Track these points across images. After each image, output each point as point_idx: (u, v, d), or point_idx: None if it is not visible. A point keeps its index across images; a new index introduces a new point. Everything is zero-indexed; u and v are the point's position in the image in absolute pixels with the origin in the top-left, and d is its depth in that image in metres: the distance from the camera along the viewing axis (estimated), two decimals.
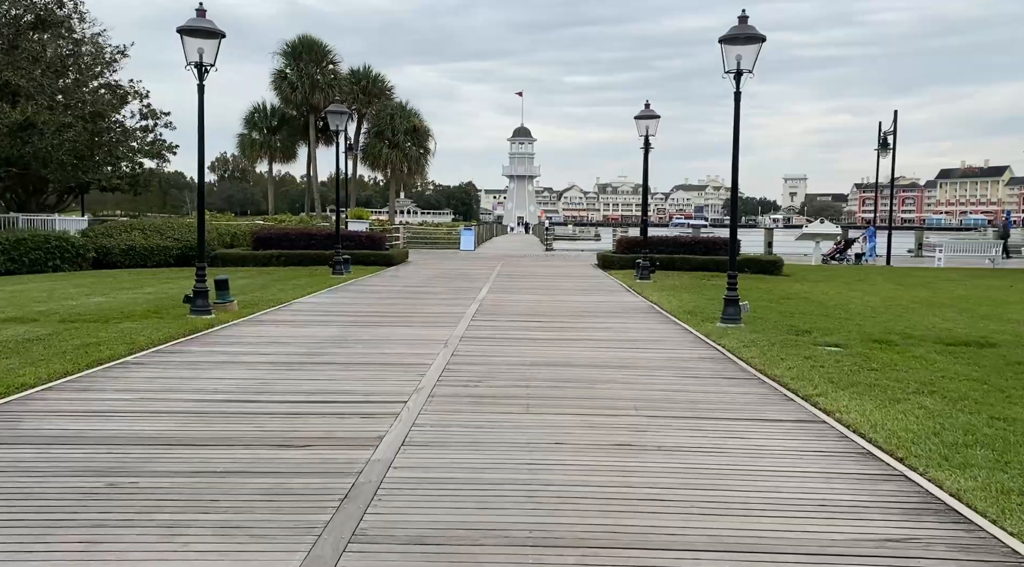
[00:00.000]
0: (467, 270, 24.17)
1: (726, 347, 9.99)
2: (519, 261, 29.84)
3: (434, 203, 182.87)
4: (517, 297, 16.31)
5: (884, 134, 28.80)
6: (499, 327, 11.78)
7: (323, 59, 42.18)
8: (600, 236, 79.52)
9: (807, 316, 13.29)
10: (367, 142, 44.66)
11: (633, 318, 13.19)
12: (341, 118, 20.48)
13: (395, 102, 45.12)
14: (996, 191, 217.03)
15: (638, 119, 20.92)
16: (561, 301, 15.67)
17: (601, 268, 25.65)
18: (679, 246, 25.79)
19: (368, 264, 24.55)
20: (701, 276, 22.32)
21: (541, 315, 13.32)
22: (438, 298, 15.92)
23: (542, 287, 18.89)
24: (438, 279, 20.68)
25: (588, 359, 9.11)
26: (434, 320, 12.43)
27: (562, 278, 21.90)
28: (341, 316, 12.88)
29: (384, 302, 15.07)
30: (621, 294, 17.42)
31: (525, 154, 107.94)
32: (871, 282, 21.03)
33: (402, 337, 10.68)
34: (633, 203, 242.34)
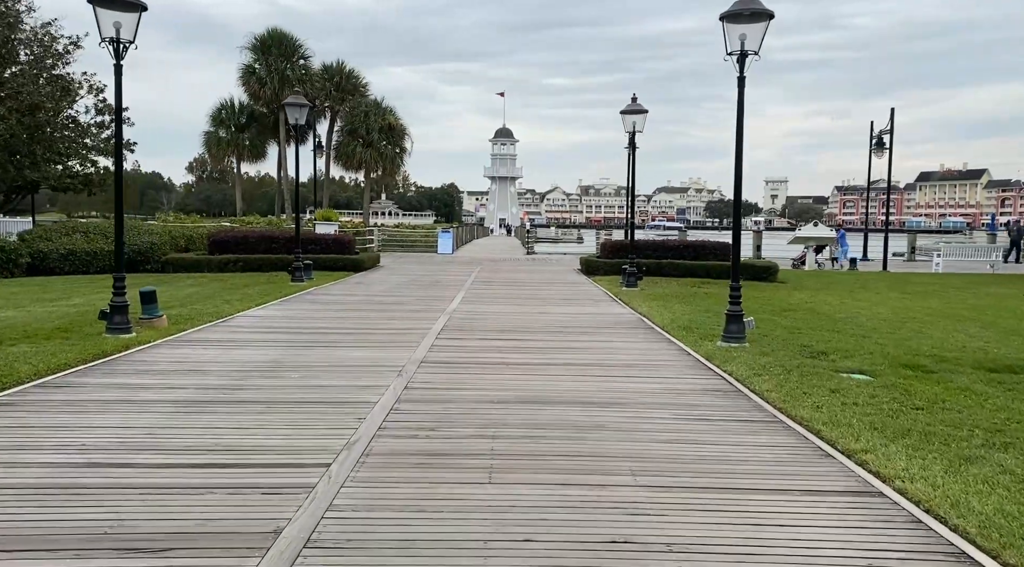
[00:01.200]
0: (441, 276, 22.52)
1: (734, 375, 8.42)
2: (498, 266, 28.23)
3: (416, 205, 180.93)
4: (492, 308, 14.69)
5: (880, 133, 27.50)
6: (468, 348, 10.14)
7: (294, 54, 40.29)
8: (583, 239, 78.05)
9: (817, 333, 11.76)
10: (340, 140, 42.81)
11: (621, 334, 11.60)
12: (301, 111, 18.76)
13: (369, 99, 43.25)
14: (975, 194, 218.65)
15: (624, 114, 19.38)
16: (541, 313, 14.07)
17: (585, 274, 24.09)
18: (667, 251, 24.28)
19: (334, 269, 22.84)
20: (691, 283, 20.82)
21: (517, 331, 11.70)
22: (403, 310, 14.26)
23: (521, 296, 17.27)
24: (408, 286, 19.02)
25: (571, 393, 7.51)
26: (393, 339, 10.77)
27: (543, 285, 20.30)
28: (286, 334, 11.19)
29: (340, 315, 13.39)
30: (607, 304, 15.85)
31: (507, 155, 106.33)
32: (873, 290, 19.61)
33: (350, 363, 9.02)
34: (616, 205, 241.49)
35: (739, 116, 10.51)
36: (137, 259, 21.15)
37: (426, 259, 31.65)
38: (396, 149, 43.41)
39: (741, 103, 10.47)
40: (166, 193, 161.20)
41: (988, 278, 24.30)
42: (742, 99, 10.46)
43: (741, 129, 10.51)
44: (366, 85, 43.86)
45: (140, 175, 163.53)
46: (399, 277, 21.88)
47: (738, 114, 10.50)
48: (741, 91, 10.42)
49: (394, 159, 43.24)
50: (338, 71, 42.67)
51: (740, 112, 10.50)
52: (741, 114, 10.51)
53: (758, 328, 11.32)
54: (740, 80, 10.38)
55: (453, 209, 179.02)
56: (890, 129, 26.92)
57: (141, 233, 22.11)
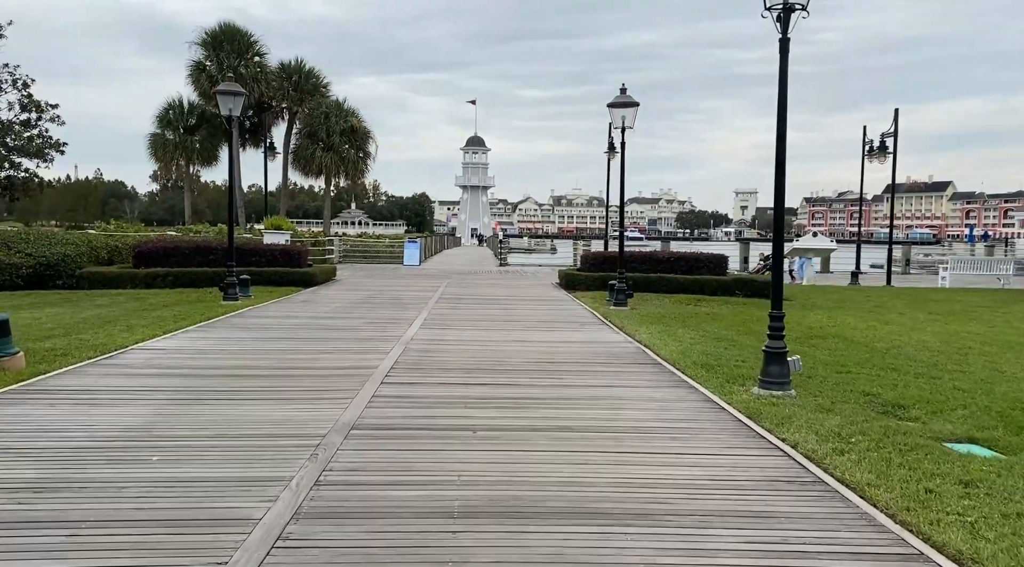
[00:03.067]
0: (404, 292, 19.81)
1: (802, 449, 5.87)
2: (469, 279, 25.57)
3: (386, 214, 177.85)
4: (459, 335, 12.04)
5: (882, 136, 25.42)
6: (421, 401, 7.48)
7: (248, 50, 37.22)
8: (556, 249, 75.75)
9: (870, 371, 9.30)
10: (298, 144, 39.83)
11: (624, 375, 9.02)
12: (235, 101, 16.01)
13: (331, 100, 40.23)
14: (940, 206, 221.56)
15: (612, 107, 16.88)
16: (518, 342, 11.45)
17: (564, 288, 21.53)
18: (655, 263, 21.81)
19: (281, 284, 20.05)
20: (685, 300, 18.36)
21: (489, 371, 9.06)
22: (348, 339, 11.55)
23: (494, 317, 14.64)
24: (362, 306, 16.29)
25: (569, 490, 4.89)
26: (322, 386, 8.07)
27: (519, 303, 17.69)
28: (181, 377, 8.43)
29: (264, 348, 10.64)
30: (596, 328, 13.28)
31: (479, 164, 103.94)
32: (892, 309, 17.29)
33: (249, 430, 6.31)
34: (588, 215, 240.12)
35: (781, 89, 8.02)
36: (45, 273, 18.17)
37: (390, 271, 28.89)
38: (359, 153, 40.41)
39: (784, 71, 7.99)
40: (129, 202, 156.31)
41: (1008, 294, 22.17)
42: (785, 67, 7.98)
43: (784, 103, 8.03)
44: (327, 85, 40.94)
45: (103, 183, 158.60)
46: (354, 293, 19.14)
47: (780, 88, 8.01)
48: (784, 57, 7.95)
49: (357, 164, 40.22)
50: (297, 70, 39.58)
51: (783, 83, 8.02)
52: (784, 86, 8.02)
53: None
54: (782, 43, 7.92)
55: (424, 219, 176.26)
56: (894, 132, 24.83)
57: (53, 243, 19.10)
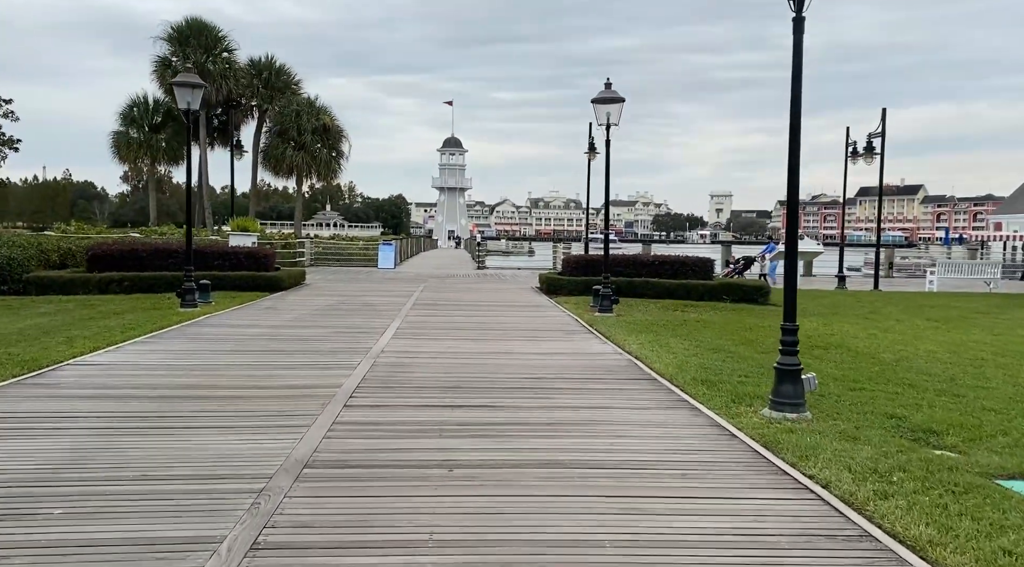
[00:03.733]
0: (376, 297, 18.80)
1: (835, 489, 5.00)
2: (446, 283, 24.59)
3: (362, 216, 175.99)
4: (435, 346, 11.08)
5: (869, 136, 24.83)
6: (389, 428, 6.52)
7: (216, 46, 35.82)
8: (534, 251, 75.16)
9: (884, 387, 8.49)
10: (268, 143, 38.50)
11: (617, 393, 8.11)
12: (194, 94, 14.86)
13: (302, 98, 38.95)
14: (912, 209, 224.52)
15: (597, 103, 16.02)
16: (500, 354, 10.51)
17: (545, 293, 20.64)
18: (640, 267, 20.98)
19: (246, 289, 18.94)
20: (672, 306, 17.53)
21: (469, 389, 8.12)
22: (313, 352, 10.54)
23: (473, 325, 13.70)
24: (330, 313, 15.26)
25: (567, 559, 3.96)
26: (276, 411, 7.06)
27: (498, 309, 16.76)
28: (116, 399, 7.39)
29: (218, 363, 9.59)
30: (583, 337, 12.38)
31: (456, 165, 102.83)
32: (889, 315, 16.58)
33: (178, 473, 5.30)
34: (565, 218, 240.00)
35: (795, 70, 7.17)
36: None
37: (363, 275, 27.82)
38: (332, 152, 39.14)
39: (799, 49, 7.14)
40: (99, 203, 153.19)
41: (1000, 299, 21.63)
42: (799, 46, 7.13)
43: (799, 84, 7.19)
44: (298, 82, 39.54)
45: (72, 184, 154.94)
46: (324, 299, 18.08)
47: (794, 68, 7.17)
48: (798, 35, 7.10)
49: (330, 163, 38.91)
50: (267, 66, 38.15)
51: (797, 62, 7.17)
52: (799, 65, 7.18)
53: None
54: (796, 23, 7.08)
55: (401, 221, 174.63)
56: (881, 132, 24.24)
57: None
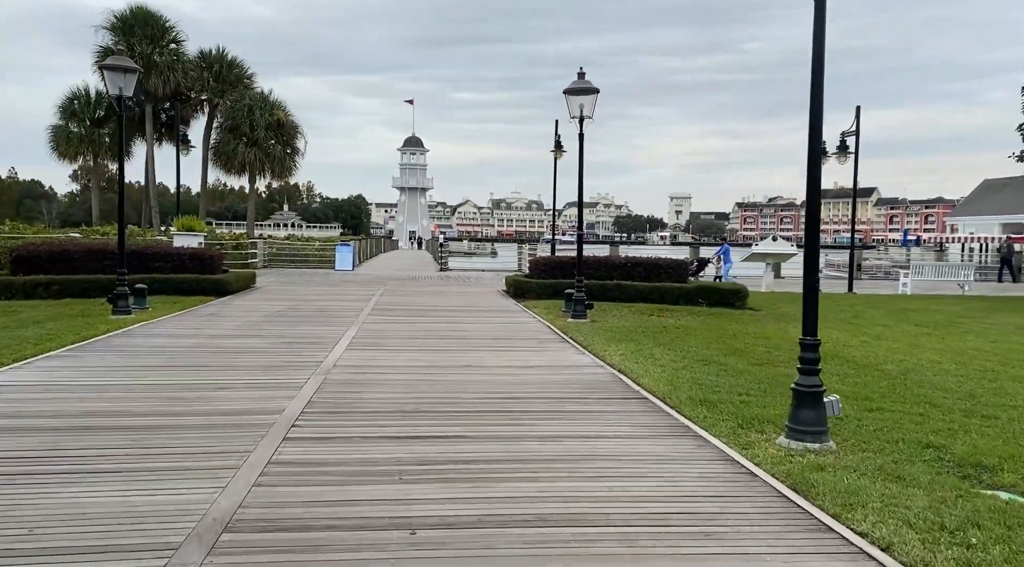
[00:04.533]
0: (332, 301, 17.49)
1: (899, 554, 3.96)
2: (407, 286, 23.33)
3: (321, 216, 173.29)
4: (393, 359, 9.88)
5: (842, 135, 24.22)
6: (335, 470, 5.33)
7: (163, 36, 33.93)
8: (497, 252, 73.80)
9: (902, 405, 7.54)
10: (220, 139, 36.68)
11: (605, 417, 7.02)
12: (127, 79, 13.37)
13: (255, 92, 37.17)
14: (866, 211, 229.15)
15: (569, 94, 14.95)
16: (467, 368, 9.36)
17: (513, 297, 19.53)
18: (611, 269, 19.94)
19: (190, 293, 17.50)
20: (648, 311, 16.54)
21: (431, 414, 6.95)
22: (254, 367, 9.26)
23: (436, 333, 12.52)
24: (279, 320, 13.93)
25: None
26: (198, 448, 5.81)
27: (464, 314, 15.59)
28: (2, 434, 6.07)
29: (141, 383, 8.27)
30: (558, 347, 11.28)
31: (417, 165, 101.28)
32: (873, 320, 15.79)
33: (48, 545, 4.04)
34: (527, 219, 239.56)
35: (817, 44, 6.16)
36: None
37: (319, 278, 26.39)
38: (287, 149, 37.46)
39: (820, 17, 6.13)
40: (46, 202, 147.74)
41: (980, 302, 21.10)
42: (821, 16, 6.12)
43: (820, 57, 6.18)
44: (251, 76, 37.67)
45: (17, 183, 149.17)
46: (274, 304, 16.72)
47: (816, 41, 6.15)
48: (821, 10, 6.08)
49: (284, 160, 37.18)
50: (218, 59, 36.22)
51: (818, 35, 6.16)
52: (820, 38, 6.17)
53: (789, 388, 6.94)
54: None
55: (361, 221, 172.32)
56: (855, 130, 23.64)
57: None
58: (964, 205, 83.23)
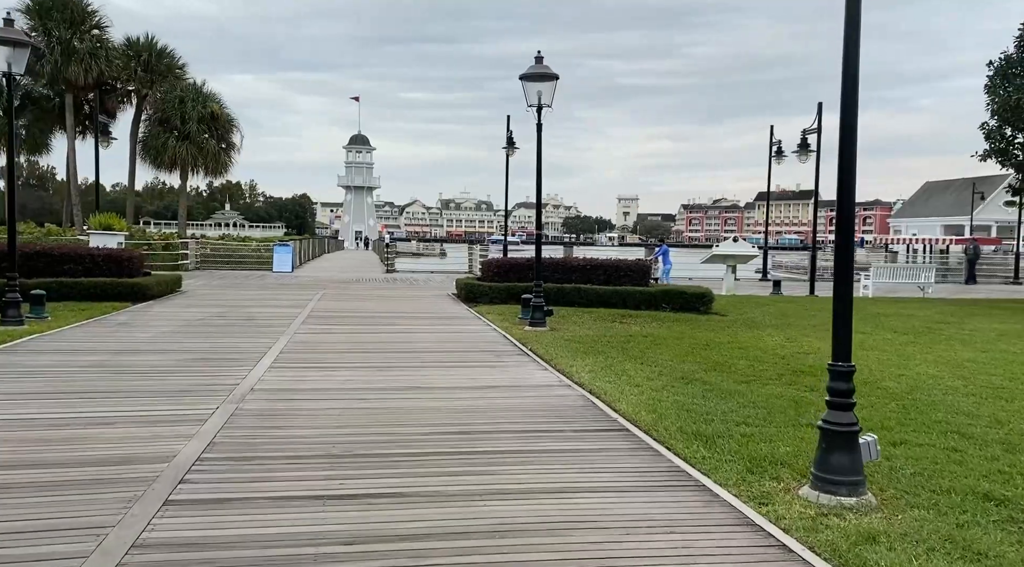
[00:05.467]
0: (264, 307, 15.85)
1: None
2: (350, 289, 21.74)
3: (264, 216, 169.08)
4: (326, 379, 8.41)
5: (803, 133, 23.48)
6: (227, 554, 3.86)
7: (83, 21, 31.49)
8: (446, 253, 72.11)
9: (927, 436, 6.40)
10: (149, 132, 34.26)
11: (583, 457, 5.68)
12: (16, 54, 11.52)
13: (187, 83, 34.84)
14: (807, 213, 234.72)
15: (526, 81, 13.63)
16: (415, 390, 7.94)
17: (464, 301, 18.15)
18: (570, 272, 18.71)
19: (104, 299, 15.69)
20: (608, 316, 15.34)
21: (369, 457, 5.54)
22: (152, 394, 7.67)
23: (377, 345, 11.06)
24: (197, 331, 12.27)
25: None
26: (45, 524, 4.25)
27: (412, 322, 14.12)
28: None
29: (4, 417, 6.64)
30: (518, 362, 9.91)
31: (363, 164, 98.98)
32: None
33: None
34: (476, 219, 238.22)
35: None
36: None
37: (254, 280, 24.58)
38: (221, 144, 35.27)
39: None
40: None
41: (947, 305, 20.45)
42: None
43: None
44: (183, 66, 35.28)
45: None
46: (197, 311, 15.00)
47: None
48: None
49: (218, 156, 34.90)
50: (147, 47, 33.75)
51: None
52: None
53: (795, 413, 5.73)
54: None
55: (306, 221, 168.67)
56: (817, 128, 22.90)
57: None
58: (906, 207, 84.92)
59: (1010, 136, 20.64)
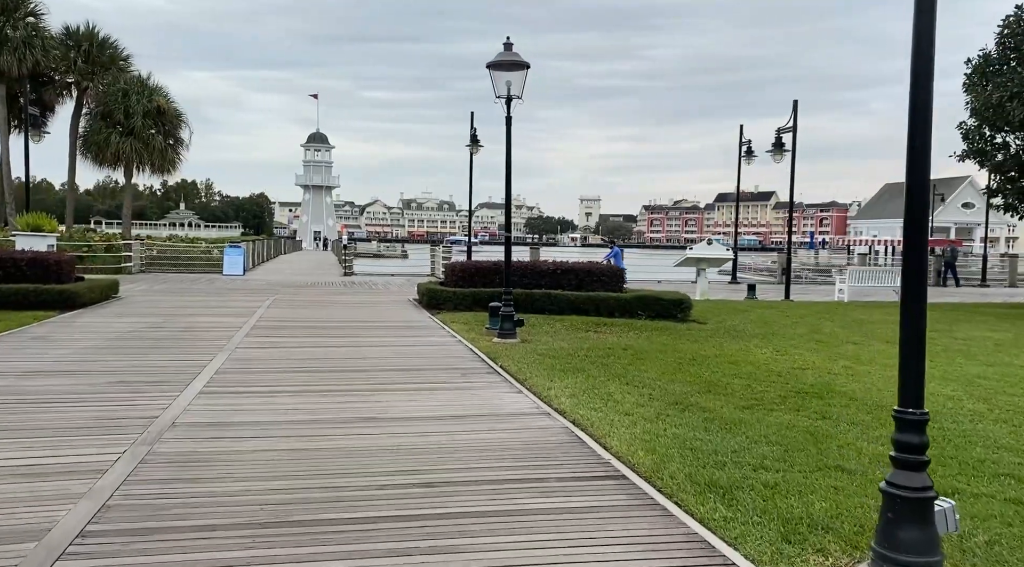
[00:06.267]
0: (205, 317, 14.47)
1: None
2: (303, 294, 20.37)
3: (221, 215, 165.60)
4: (259, 413, 7.15)
5: (778, 131, 22.73)
6: None
7: (17, 7, 29.32)
8: (408, 254, 70.48)
9: (978, 482, 5.43)
10: (89, 126, 32.21)
11: (574, 521, 4.54)
12: None
13: (132, 75, 32.82)
14: (765, 214, 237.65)
15: (494, 70, 12.47)
16: (365, 424, 6.74)
17: (426, 308, 16.96)
18: (539, 277, 17.61)
19: (26, 307, 14.23)
20: (582, 325, 14.28)
21: (303, 526, 4.32)
22: (46, 431, 6.34)
23: (328, 362, 9.81)
24: (124, 346, 10.87)
25: None
26: None
27: (369, 332, 12.87)
28: None
29: None
30: (486, 383, 8.75)
31: (322, 162, 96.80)
32: (836, 336, 13.95)
33: None
34: (439, 220, 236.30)
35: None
36: None
37: (202, 284, 23.04)
38: (169, 140, 33.38)
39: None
40: None
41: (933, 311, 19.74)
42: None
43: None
44: (128, 58, 33.10)
45: None
46: (131, 321, 13.56)
47: None
48: None
49: (165, 152, 32.96)
50: (87, 37, 31.66)
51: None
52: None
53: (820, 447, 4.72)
54: None
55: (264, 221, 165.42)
56: (792, 126, 22.15)
57: None
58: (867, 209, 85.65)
59: (989, 136, 20.08)
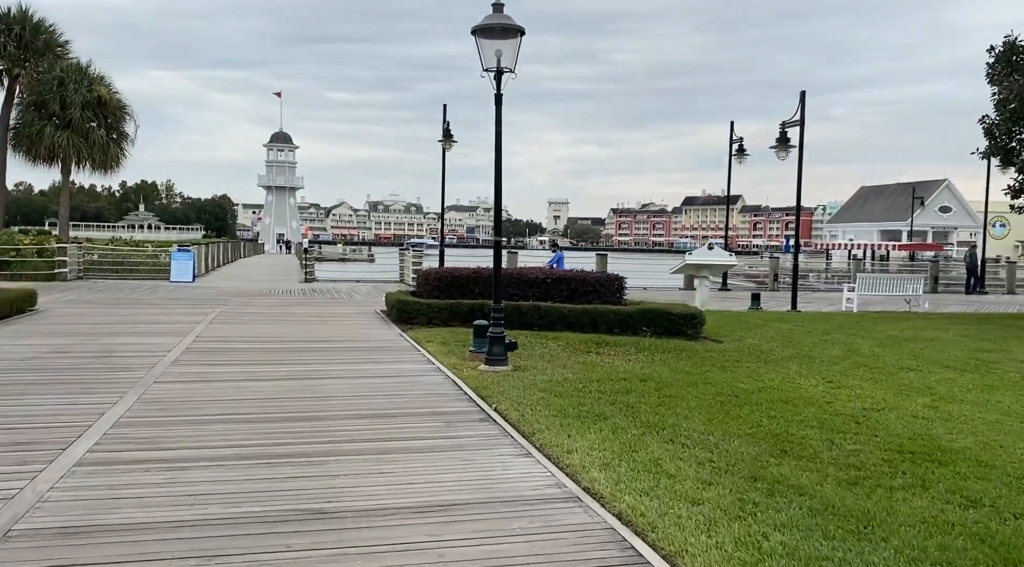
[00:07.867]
0: (131, 336, 12.02)
1: None
2: (255, 304, 17.93)
3: (182, 217, 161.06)
4: (159, 500, 4.81)
5: (783, 125, 20.81)
6: None
7: None
8: (375, 258, 67.68)
9: None
10: (21, 118, 29.13)
11: None
12: None
13: (70, 62, 29.79)
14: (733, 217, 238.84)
15: (481, 36, 10.20)
16: (313, 522, 4.43)
17: (396, 322, 14.67)
18: (525, 286, 15.37)
19: None
20: (581, 345, 12.09)
21: None
22: None
23: (268, 408, 7.47)
24: (22, 378, 8.41)
25: None
26: None
27: (325, 357, 10.50)
28: None
29: None
30: (480, 440, 6.48)
31: (285, 163, 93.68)
32: (881, 358, 11.92)
33: None
34: (406, 222, 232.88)
35: None
36: None
37: (143, 293, 20.43)
38: (112, 134, 30.47)
39: None
40: None
41: (954, 323, 17.93)
42: None
43: None
44: (65, 43, 30.05)
45: None
46: (35, 342, 11.06)
47: None
48: None
49: (107, 147, 30.01)
50: (19, 20, 28.62)
51: None
52: None
53: None
54: None
55: (226, 223, 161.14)
56: (800, 120, 20.24)
57: None
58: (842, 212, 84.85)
59: (1014, 130, 18.34)
